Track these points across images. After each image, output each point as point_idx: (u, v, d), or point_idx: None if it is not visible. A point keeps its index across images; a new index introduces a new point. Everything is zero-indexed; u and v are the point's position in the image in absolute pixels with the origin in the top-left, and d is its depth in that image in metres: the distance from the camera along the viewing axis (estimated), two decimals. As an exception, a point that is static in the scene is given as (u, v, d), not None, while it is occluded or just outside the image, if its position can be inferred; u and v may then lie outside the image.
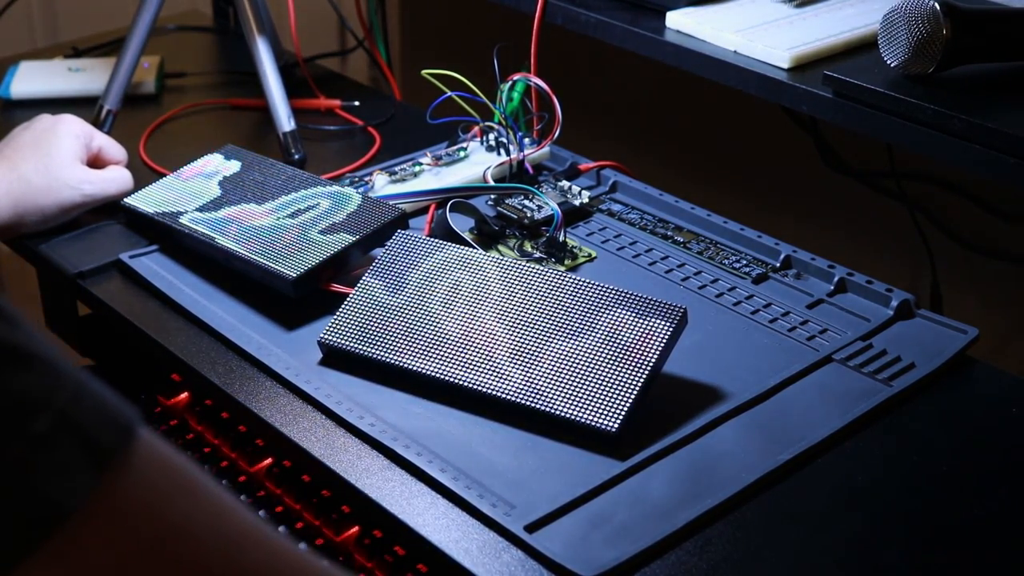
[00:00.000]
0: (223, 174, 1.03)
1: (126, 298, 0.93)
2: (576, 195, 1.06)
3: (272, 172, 1.02)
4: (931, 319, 0.90)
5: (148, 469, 0.41)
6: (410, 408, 0.80)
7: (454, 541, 0.70)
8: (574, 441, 0.77)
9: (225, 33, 1.50)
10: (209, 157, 1.06)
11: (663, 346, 0.78)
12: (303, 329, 0.89)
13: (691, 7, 1.08)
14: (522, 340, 0.81)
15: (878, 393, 0.81)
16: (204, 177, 1.04)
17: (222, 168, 1.04)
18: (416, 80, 1.12)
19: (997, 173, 0.87)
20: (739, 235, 1.00)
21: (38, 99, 1.26)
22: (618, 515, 0.71)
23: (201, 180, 1.03)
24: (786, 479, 0.75)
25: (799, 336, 0.88)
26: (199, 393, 0.90)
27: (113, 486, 0.39)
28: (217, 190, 1.01)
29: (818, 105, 0.96)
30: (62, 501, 0.38)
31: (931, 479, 0.76)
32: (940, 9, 0.88)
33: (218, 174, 1.03)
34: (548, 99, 1.04)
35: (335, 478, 0.75)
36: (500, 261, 0.87)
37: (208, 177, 1.03)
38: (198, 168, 1.05)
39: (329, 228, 0.93)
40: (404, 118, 1.25)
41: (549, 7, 1.12)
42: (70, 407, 0.39)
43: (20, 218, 0.98)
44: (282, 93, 1.16)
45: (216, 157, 1.06)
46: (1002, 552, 0.71)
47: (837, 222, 1.35)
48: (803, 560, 0.70)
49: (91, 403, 0.40)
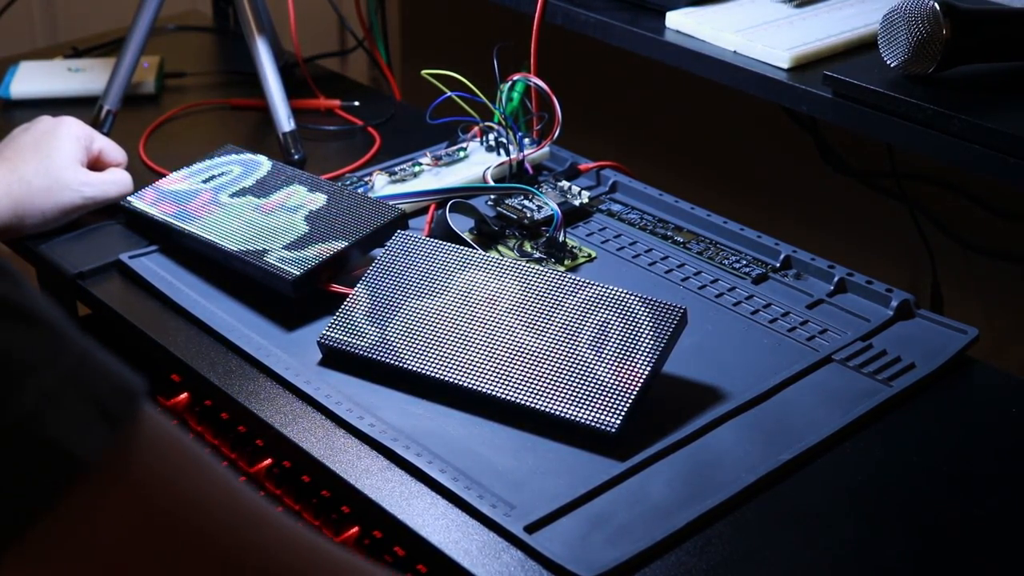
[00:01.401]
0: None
1: (126, 298, 0.93)
2: (576, 195, 1.06)
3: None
4: (931, 319, 0.90)
5: (158, 440, 0.40)
6: (410, 408, 0.80)
7: (454, 541, 0.70)
8: (574, 441, 0.77)
9: (225, 33, 1.50)
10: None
11: (663, 346, 0.78)
12: (303, 329, 0.89)
13: (691, 7, 1.08)
14: (522, 340, 0.81)
15: (878, 393, 0.81)
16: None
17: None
18: (416, 80, 1.12)
19: (997, 173, 0.87)
20: (739, 235, 1.00)
21: (38, 99, 1.26)
22: (618, 515, 0.71)
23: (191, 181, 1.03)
24: (786, 479, 0.75)
25: (799, 336, 0.88)
26: (199, 393, 0.90)
27: (127, 449, 0.39)
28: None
29: (818, 105, 0.96)
30: (78, 452, 0.37)
31: (931, 479, 0.76)
32: (940, 9, 0.88)
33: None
34: (548, 99, 1.04)
35: (335, 478, 0.75)
36: (500, 261, 0.87)
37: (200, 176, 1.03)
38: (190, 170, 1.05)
39: (313, 218, 0.94)
40: (404, 118, 1.25)
41: (549, 7, 1.12)
42: (77, 366, 0.38)
43: (20, 220, 0.98)
44: (282, 93, 1.16)
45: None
46: (1002, 552, 0.71)
47: (837, 222, 1.35)
48: (803, 560, 0.70)
49: (98, 368, 0.39)
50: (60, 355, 0.38)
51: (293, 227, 0.94)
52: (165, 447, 0.41)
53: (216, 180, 1.02)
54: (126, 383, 0.40)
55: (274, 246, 0.92)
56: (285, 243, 0.92)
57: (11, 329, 0.37)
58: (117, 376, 0.40)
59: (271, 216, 0.96)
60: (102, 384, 0.39)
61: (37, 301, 0.39)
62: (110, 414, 0.39)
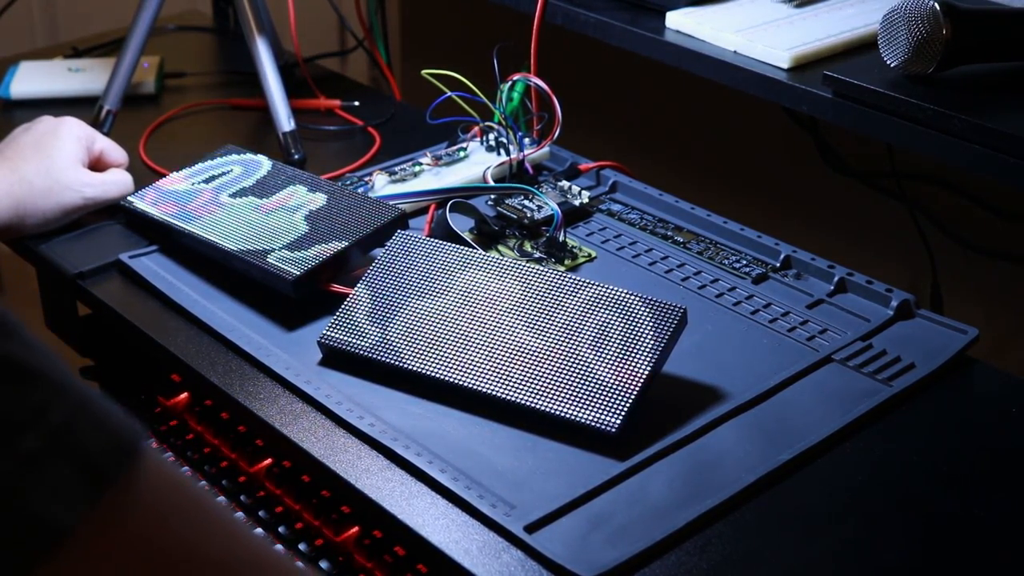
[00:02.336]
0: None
1: (126, 298, 0.93)
2: (576, 195, 1.06)
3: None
4: (931, 319, 0.90)
5: (151, 491, 0.40)
6: (410, 408, 0.80)
7: (454, 541, 0.70)
8: (574, 441, 0.77)
9: (225, 33, 1.50)
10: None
11: (663, 346, 0.78)
12: (303, 329, 0.89)
13: (691, 7, 1.08)
14: (522, 340, 0.81)
15: (878, 393, 0.81)
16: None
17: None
18: (416, 80, 1.12)
19: (997, 173, 0.87)
20: (739, 235, 1.00)
21: (38, 99, 1.26)
22: (618, 515, 0.71)
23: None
24: (786, 479, 0.75)
25: (799, 336, 0.88)
26: (199, 393, 0.90)
27: (112, 507, 0.38)
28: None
29: (818, 105, 0.96)
30: (57, 520, 0.37)
31: (931, 479, 0.76)
32: (940, 9, 0.88)
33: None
34: (548, 99, 1.04)
35: (335, 478, 0.75)
36: (500, 261, 0.87)
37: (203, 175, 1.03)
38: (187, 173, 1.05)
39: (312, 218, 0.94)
40: (404, 118, 1.25)
41: (549, 7, 1.12)
42: (66, 425, 0.37)
43: (21, 219, 0.98)
44: (282, 93, 1.16)
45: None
46: (1002, 552, 0.71)
47: (837, 222, 1.35)
48: (803, 560, 0.70)
49: (92, 422, 0.38)
50: (49, 412, 0.37)
51: (293, 227, 0.94)
52: (164, 492, 0.40)
53: (217, 180, 1.02)
54: (122, 434, 0.39)
55: (275, 246, 0.92)
56: (285, 243, 0.92)
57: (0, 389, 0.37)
58: (112, 428, 0.39)
59: (271, 216, 0.96)
60: (94, 439, 0.38)
61: (33, 352, 0.38)
62: (100, 470, 0.38)
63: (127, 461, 0.39)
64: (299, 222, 0.95)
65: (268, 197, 0.99)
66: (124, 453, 0.39)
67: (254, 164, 1.04)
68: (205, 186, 1.02)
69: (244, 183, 1.01)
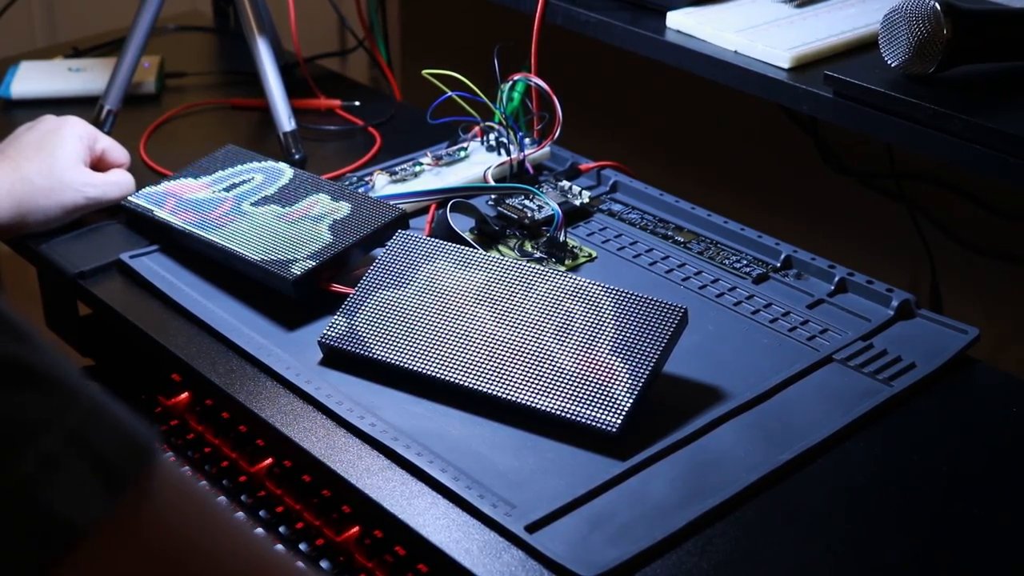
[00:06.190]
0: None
1: (126, 298, 0.93)
2: (576, 195, 1.06)
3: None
4: (931, 319, 0.90)
5: (167, 495, 0.40)
6: (410, 408, 0.80)
7: (454, 541, 0.70)
8: (574, 441, 0.77)
9: (225, 33, 1.50)
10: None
11: (663, 346, 0.78)
12: (303, 329, 0.89)
13: (691, 7, 1.08)
14: (522, 340, 0.81)
15: (878, 393, 0.82)
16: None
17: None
18: (416, 80, 1.12)
19: (997, 173, 0.87)
20: (739, 235, 1.00)
21: (38, 99, 1.26)
22: (618, 515, 0.71)
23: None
24: (786, 479, 0.75)
25: (799, 336, 0.88)
26: (199, 393, 0.90)
27: (130, 510, 0.38)
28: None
29: (818, 105, 0.96)
30: (75, 521, 0.37)
31: (931, 479, 0.76)
32: (940, 9, 0.88)
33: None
34: (548, 99, 1.04)
35: (335, 478, 0.75)
36: (500, 261, 0.87)
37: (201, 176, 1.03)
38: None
39: (318, 220, 0.93)
40: (404, 118, 1.25)
41: (549, 7, 1.12)
42: (82, 428, 0.37)
43: (22, 219, 0.98)
44: (282, 93, 1.16)
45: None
46: (1002, 552, 0.71)
47: (837, 222, 1.35)
48: (803, 560, 0.70)
49: (106, 425, 0.38)
50: (65, 415, 0.37)
51: (319, 236, 0.93)
52: (175, 498, 0.40)
53: (238, 188, 1.01)
54: (135, 438, 0.39)
55: (300, 256, 0.91)
56: (309, 253, 0.91)
57: (14, 392, 0.37)
58: (126, 431, 0.39)
59: (295, 225, 0.95)
60: (109, 442, 0.38)
61: (45, 356, 0.38)
62: (115, 473, 0.38)
63: (142, 464, 0.39)
64: (323, 232, 0.94)
65: (291, 206, 0.98)
66: (139, 456, 0.39)
67: (275, 172, 1.03)
68: (226, 194, 1.01)
69: (266, 191, 1.00)
